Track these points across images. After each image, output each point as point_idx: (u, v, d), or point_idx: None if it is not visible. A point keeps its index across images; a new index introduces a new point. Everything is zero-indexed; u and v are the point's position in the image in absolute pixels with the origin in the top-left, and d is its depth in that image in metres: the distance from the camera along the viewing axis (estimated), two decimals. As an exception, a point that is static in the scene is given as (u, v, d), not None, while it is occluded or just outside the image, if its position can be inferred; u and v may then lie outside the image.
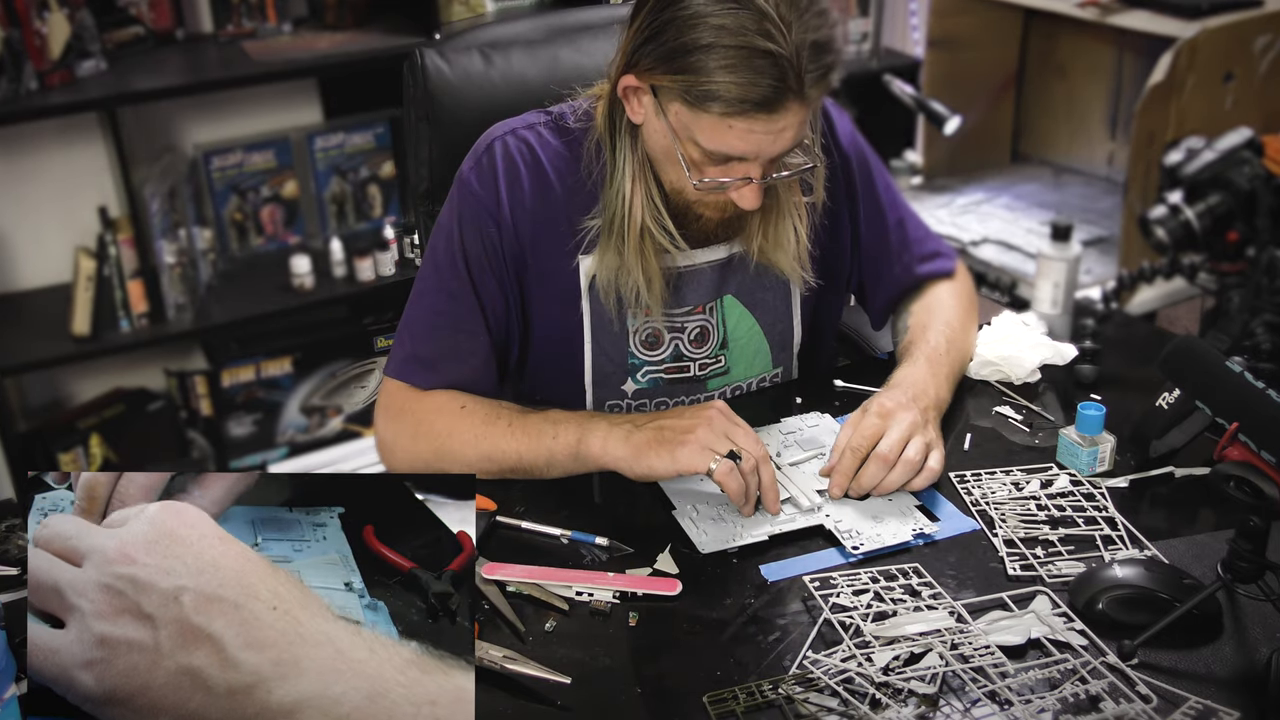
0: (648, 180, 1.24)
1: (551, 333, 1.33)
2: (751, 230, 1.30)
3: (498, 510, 1.21)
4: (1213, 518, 1.19)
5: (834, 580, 1.09)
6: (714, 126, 1.12)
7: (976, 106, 2.87)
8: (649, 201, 1.24)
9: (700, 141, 1.14)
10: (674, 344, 1.35)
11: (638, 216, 1.23)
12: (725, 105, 1.09)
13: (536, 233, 1.28)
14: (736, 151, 1.13)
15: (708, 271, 1.34)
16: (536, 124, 1.30)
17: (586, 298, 1.31)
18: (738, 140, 1.12)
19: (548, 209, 1.28)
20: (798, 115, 1.12)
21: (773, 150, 1.14)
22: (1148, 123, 2.27)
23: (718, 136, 1.12)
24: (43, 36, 2.30)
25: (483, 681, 0.97)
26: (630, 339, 1.33)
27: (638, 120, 1.20)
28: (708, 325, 1.36)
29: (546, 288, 1.31)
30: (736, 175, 1.16)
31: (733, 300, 1.36)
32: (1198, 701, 0.95)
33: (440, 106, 1.52)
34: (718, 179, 1.17)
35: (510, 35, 1.57)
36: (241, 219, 2.70)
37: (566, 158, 1.28)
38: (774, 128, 1.11)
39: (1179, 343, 1.16)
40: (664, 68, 1.11)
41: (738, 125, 1.11)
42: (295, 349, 2.73)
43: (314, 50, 2.54)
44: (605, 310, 1.30)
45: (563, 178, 1.28)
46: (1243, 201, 1.42)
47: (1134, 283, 1.60)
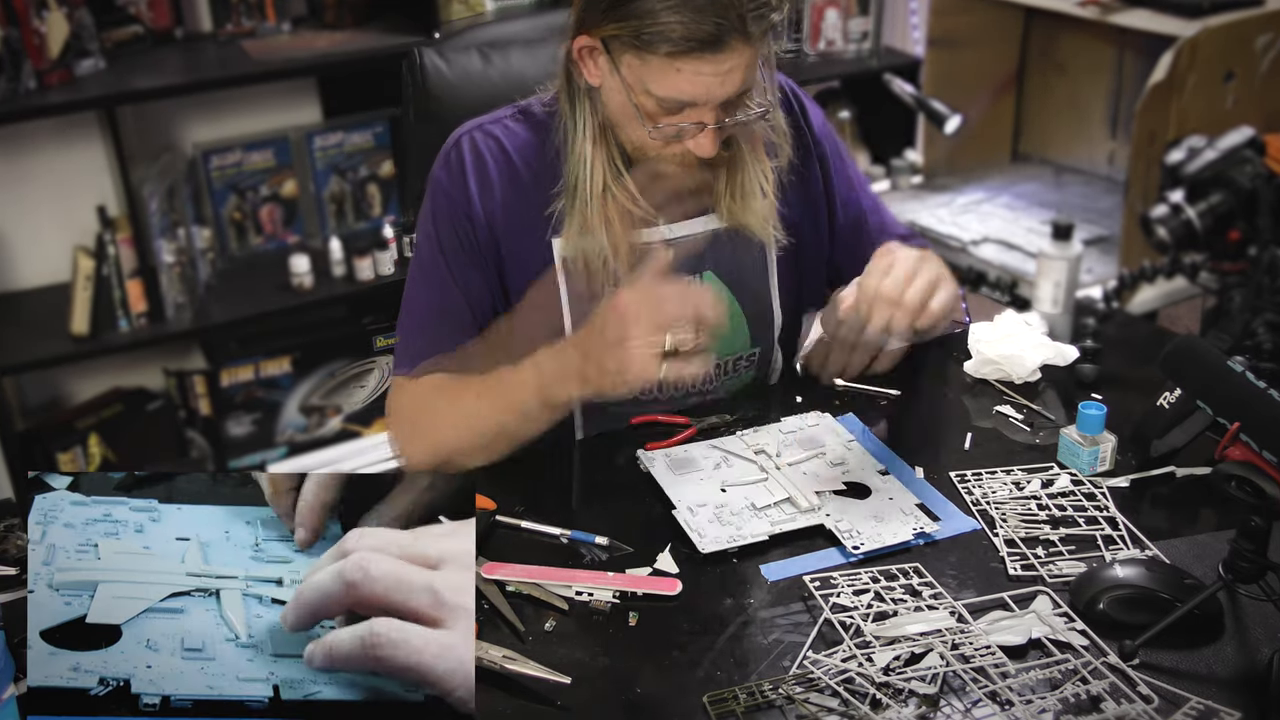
0: (608, 143, 1.28)
1: (534, 318, 1.34)
2: (719, 191, 1.33)
3: (497, 510, 1.21)
4: (1214, 518, 1.19)
5: (834, 580, 1.09)
6: (662, 70, 1.16)
7: (977, 105, 2.87)
8: (609, 164, 1.27)
9: (652, 89, 1.18)
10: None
11: (599, 179, 1.27)
12: (671, 45, 1.14)
13: (509, 221, 1.32)
14: (686, 95, 1.17)
15: (684, 246, 1.35)
16: (503, 118, 1.35)
17: (564, 278, 1.33)
18: (686, 83, 1.16)
19: (518, 196, 1.32)
20: (743, 56, 1.16)
21: (721, 93, 1.18)
22: (1148, 122, 2.27)
23: (667, 80, 1.17)
24: (41, 35, 2.30)
25: (483, 681, 0.97)
26: None
27: (594, 82, 1.24)
28: None
29: (524, 273, 1.34)
30: (691, 121, 1.20)
31: (712, 276, 1.38)
32: (1199, 702, 0.94)
33: (439, 105, 1.52)
34: (673, 124, 1.20)
35: (509, 34, 1.58)
36: (240, 218, 2.70)
37: (533, 144, 1.33)
38: (720, 68, 1.15)
39: (1180, 342, 1.15)
40: (611, 17, 1.16)
41: (685, 67, 1.15)
42: (294, 348, 2.73)
43: (313, 49, 2.54)
44: (581, 290, 1.32)
45: (530, 164, 1.32)
46: (1244, 200, 1.41)
47: (1135, 282, 1.59)
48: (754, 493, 1.22)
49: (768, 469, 1.26)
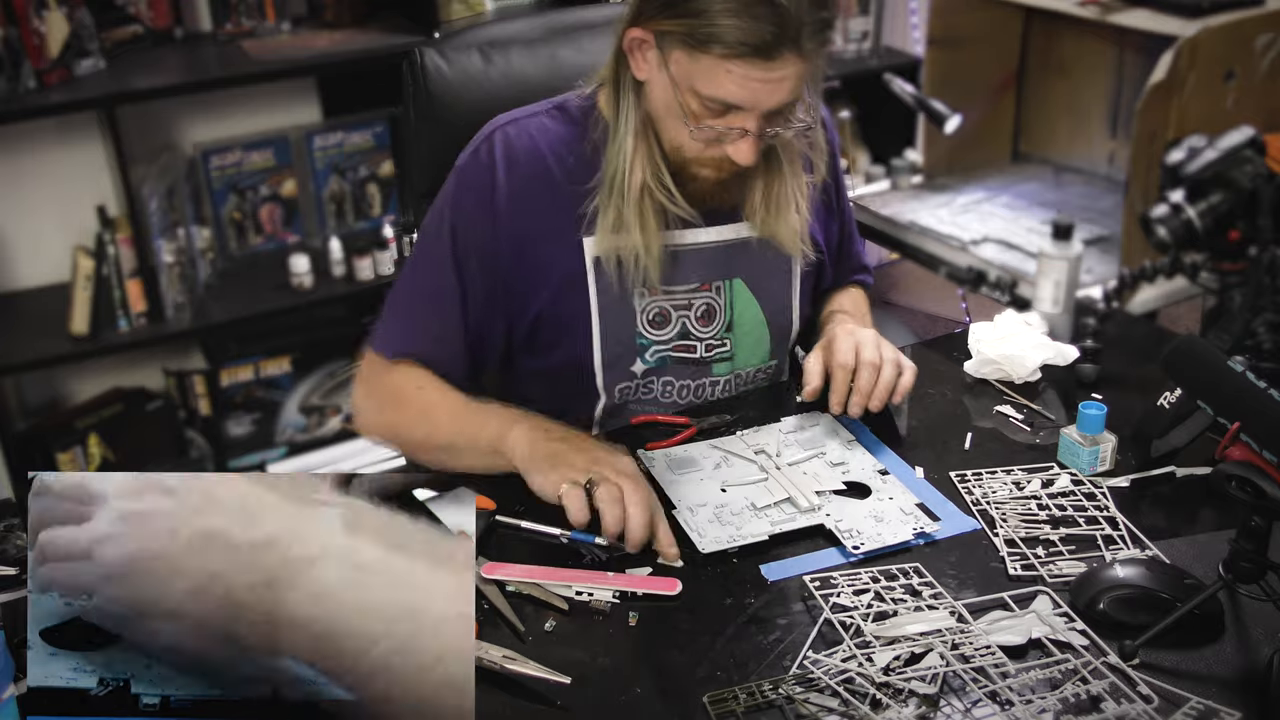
0: (649, 138, 1.27)
1: (560, 318, 1.33)
2: (754, 202, 1.33)
3: (497, 509, 1.21)
4: (1214, 518, 1.19)
5: (834, 580, 1.09)
6: (712, 71, 1.15)
7: (977, 105, 2.87)
8: (649, 159, 1.26)
9: (699, 88, 1.17)
10: (681, 322, 1.36)
11: (639, 173, 1.26)
12: (725, 47, 1.13)
13: (538, 221, 1.30)
14: (734, 99, 1.16)
15: (715, 250, 1.35)
16: (539, 113, 1.33)
17: (593, 279, 1.32)
18: (735, 86, 1.15)
19: (549, 195, 1.30)
20: (794, 68, 1.15)
21: (769, 101, 1.17)
22: (1149, 121, 2.27)
23: (716, 81, 1.16)
24: (41, 35, 2.29)
25: (482, 681, 0.97)
26: (637, 319, 1.35)
27: (641, 76, 1.23)
28: (714, 304, 1.37)
29: (551, 274, 1.32)
30: (733, 125, 1.19)
31: (742, 285, 1.38)
32: (1199, 702, 0.94)
33: (440, 105, 1.52)
34: (715, 126, 1.19)
35: (509, 34, 1.57)
36: (240, 218, 2.70)
37: (568, 141, 1.31)
38: (771, 76, 1.15)
39: (1180, 342, 1.15)
40: (668, 12, 1.16)
41: (735, 70, 1.14)
42: (294, 348, 2.73)
43: (313, 49, 2.54)
44: (612, 291, 1.32)
45: (563, 162, 1.30)
46: (1245, 200, 1.41)
47: (1135, 282, 1.59)
48: (754, 493, 1.22)
49: (768, 469, 1.26)
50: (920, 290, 3.40)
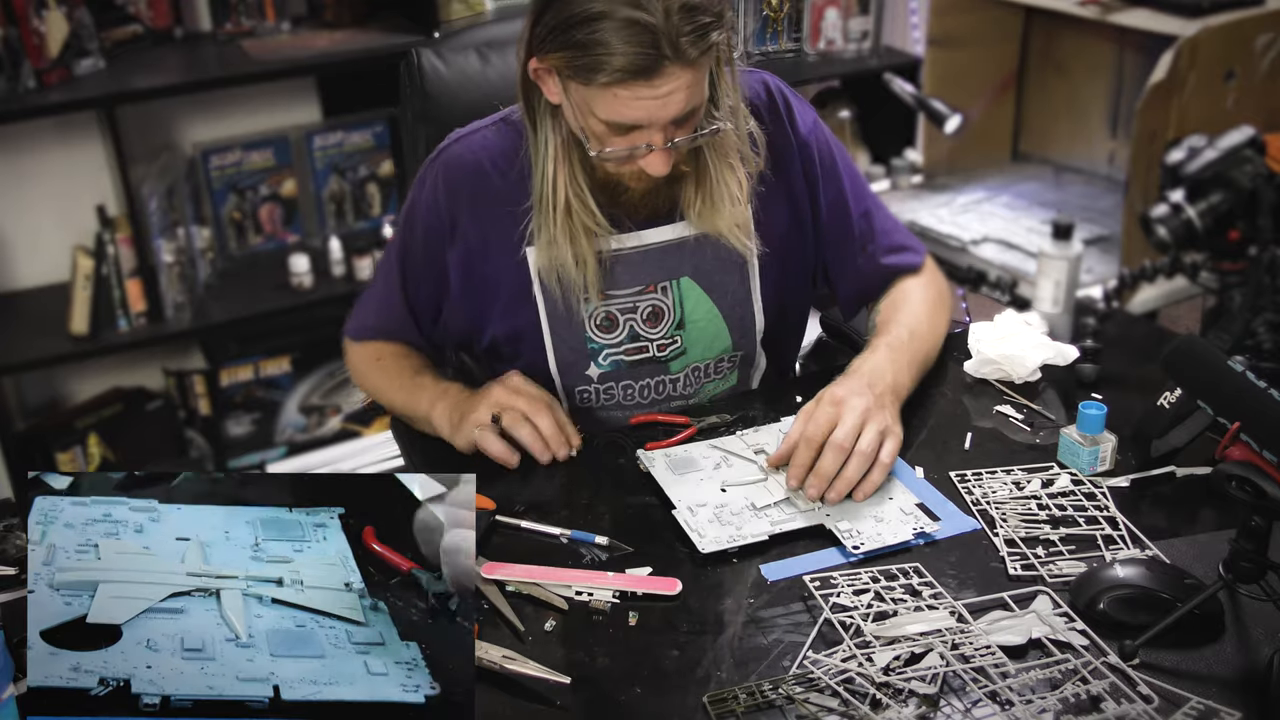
0: (571, 160, 1.28)
1: (513, 328, 1.38)
2: (688, 199, 1.33)
3: (497, 509, 1.21)
4: (1214, 517, 1.19)
5: (834, 580, 1.09)
6: (603, 97, 1.17)
7: (977, 105, 2.87)
8: (572, 179, 1.28)
9: (597, 113, 1.19)
10: (628, 325, 1.38)
11: (562, 195, 1.28)
12: (607, 76, 1.14)
13: (486, 232, 1.35)
14: (630, 119, 1.18)
15: (657, 252, 1.36)
16: (485, 127, 1.37)
17: (539, 288, 1.36)
18: (626, 109, 1.17)
19: (494, 208, 1.34)
20: (681, 79, 1.16)
21: (664, 115, 1.18)
22: (1149, 121, 2.27)
23: (609, 106, 1.17)
24: (41, 35, 2.29)
25: (483, 681, 0.97)
26: (586, 324, 1.37)
27: (555, 100, 1.24)
28: (661, 304, 1.38)
29: (500, 285, 1.37)
30: (639, 143, 1.21)
31: (690, 283, 1.38)
32: (1199, 702, 0.94)
33: (437, 105, 1.52)
34: (621, 148, 1.21)
35: (507, 34, 1.57)
36: (240, 218, 2.70)
37: (509, 155, 1.33)
38: (659, 93, 1.15)
39: (1180, 342, 1.15)
40: (552, 45, 1.17)
41: (623, 94, 1.15)
42: (294, 348, 2.73)
43: (312, 49, 2.54)
44: (558, 299, 1.35)
45: (505, 177, 1.33)
46: (1244, 200, 1.41)
47: (1135, 281, 1.59)
48: (754, 493, 1.22)
49: (768, 469, 1.26)
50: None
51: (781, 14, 2.26)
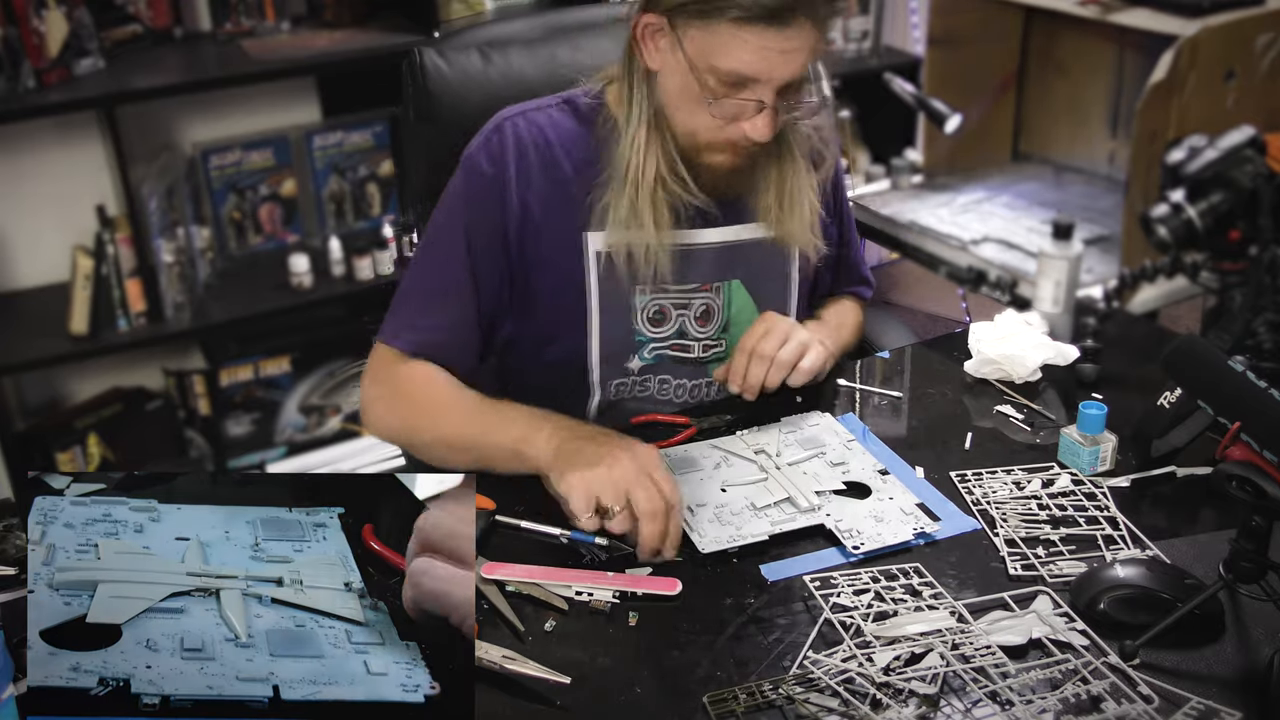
0: (661, 130, 1.27)
1: (560, 311, 1.35)
2: (767, 199, 1.33)
3: (497, 509, 1.21)
4: (1214, 517, 1.19)
5: (834, 580, 1.09)
6: (728, 41, 1.16)
7: (977, 105, 2.87)
8: (662, 151, 1.27)
9: (715, 62, 1.18)
10: (680, 321, 1.38)
11: (652, 164, 1.26)
12: (740, 11, 1.14)
13: (546, 211, 1.31)
14: (749, 69, 1.17)
15: (715, 251, 1.37)
16: (547, 106, 1.34)
17: (594, 274, 1.33)
18: (750, 55, 1.16)
19: (556, 187, 1.31)
20: (808, 37, 1.17)
21: (783, 71, 1.18)
22: (1149, 121, 2.26)
23: (732, 52, 1.17)
24: (40, 34, 2.29)
25: (482, 681, 0.97)
26: (637, 316, 1.36)
27: (654, 65, 1.24)
28: (712, 304, 1.39)
29: (555, 265, 1.33)
30: (750, 99, 1.20)
31: (739, 286, 1.39)
32: (1200, 702, 0.94)
33: (439, 105, 1.52)
34: (733, 99, 1.20)
35: (509, 34, 1.58)
36: (240, 218, 2.69)
37: (576, 136, 1.32)
38: (785, 44, 1.16)
39: (1181, 342, 1.15)
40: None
41: (750, 39, 1.15)
42: (293, 348, 2.73)
43: (312, 48, 2.54)
44: (613, 286, 1.33)
45: (571, 156, 1.32)
46: (1245, 200, 1.41)
47: (1135, 281, 1.59)
48: (754, 493, 1.22)
49: (768, 469, 1.26)
50: (920, 290, 3.40)
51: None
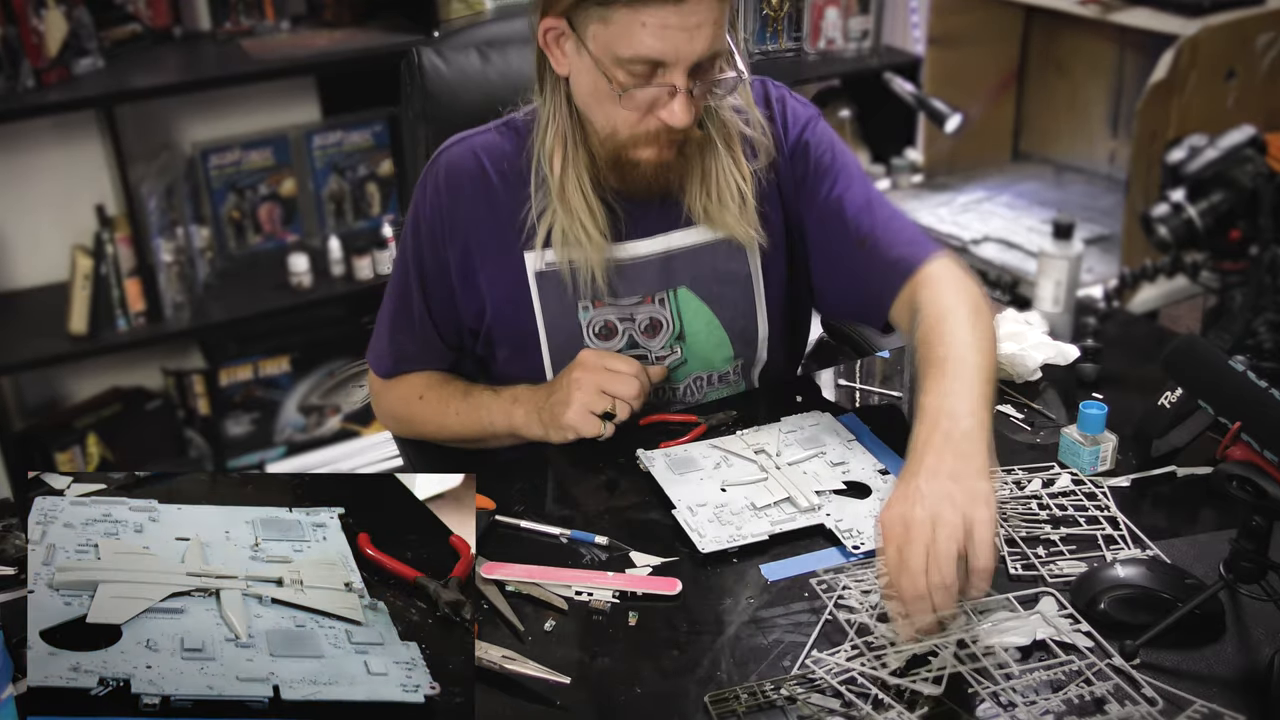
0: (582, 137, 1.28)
1: (510, 332, 1.38)
2: (693, 194, 1.32)
3: (497, 509, 1.21)
4: (1215, 517, 1.19)
5: (836, 580, 1.09)
6: (628, 28, 1.15)
7: (977, 104, 2.87)
8: (588, 158, 1.28)
9: (619, 52, 1.17)
10: (627, 334, 1.37)
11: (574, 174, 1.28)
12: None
13: (485, 237, 1.35)
14: (654, 52, 1.16)
15: (656, 262, 1.36)
16: (487, 130, 1.37)
17: (536, 292, 1.35)
18: (653, 39, 1.15)
19: (492, 211, 1.34)
20: (710, 11, 1.16)
21: (690, 50, 1.16)
22: (1149, 120, 2.27)
23: (634, 39, 1.16)
24: (40, 34, 2.29)
25: (482, 681, 0.97)
26: (584, 331, 1.36)
27: (563, 71, 1.25)
28: (660, 317, 1.37)
29: (500, 292, 1.36)
30: (662, 84, 1.18)
31: (688, 293, 1.37)
32: (1203, 705, 0.94)
33: (438, 105, 1.52)
34: (644, 88, 1.19)
35: (508, 34, 1.57)
36: (239, 217, 2.69)
37: (512, 157, 1.34)
38: (686, 21, 1.15)
39: (1181, 341, 1.15)
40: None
41: (650, 20, 1.14)
42: (293, 348, 2.73)
43: (312, 48, 2.53)
44: (556, 304, 1.35)
45: (506, 179, 1.34)
46: (1245, 199, 1.41)
47: (1136, 281, 1.59)
48: (754, 492, 1.22)
49: (768, 469, 1.26)
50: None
51: (781, 13, 2.26)
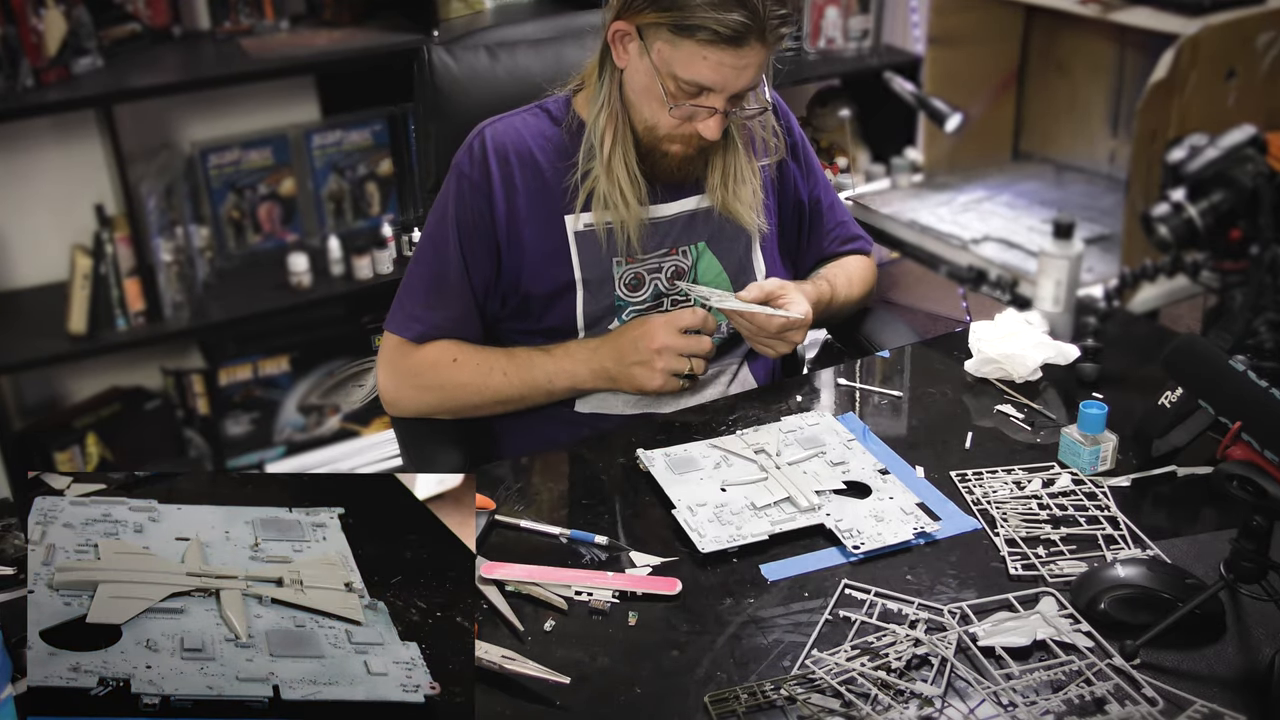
0: (623, 120, 1.43)
1: (549, 287, 1.48)
2: (714, 180, 1.50)
3: (497, 509, 1.21)
4: (1215, 517, 1.19)
5: (836, 580, 1.09)
6: (691, 58, 1.33)
7: (977, 104, 2.87)
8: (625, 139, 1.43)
9: (678, 72, 1.35)
10: (653, 284, 1.50)
11: (619, 149, 1.42)
12: (707, 34, 1.31)
13: (527, 203, 1.46)
14: (708, 81, 1.35)
15: (681, 219, 1.51)
16: (522, 113, 1.50)
17: (575, 252, 1.47)
18: (710, 71, 1.34)
19: (535, 180, 1.46)
20: (759, 56, 1.35)
21: (736, 84, 1.36)
22: (1150, 120, 2.26)
23: (693, 67, 1.34)
24: (39, 33, 2.29)
25: (482, 682, 0.97)
26: (617, 284, 1.48)
27: (621, 64, 1.40)
28: (680, 265, 1.51)
29: (540, 249, 1.47)
30: (705, 105, 1.37)
31: (705, 247, 1.53)
32: (1204, 705, 0.94)
33: (447, 103, 1.55)
34: (690, 104, 1.37)
35: (515, 36, 1.63)
36: (239, 217, 2.69)
37: (549, 134, 1.48)
38: (740, 63, 1.34)
39: (1181, 341, 1.15)
40: (654, 7, 1.34)
41: (711, 56, 1.33)
42: (292, 347, 2.73)
43: (311, 47, 2.53)
44: (592, 260, 1.47)
45: (546, 152, 1.47)
46: (1246, 199, 1.41)
47: (1136, 281, 1.59)
48: (754, 492, 1.22)
49: (768, 469, 1.26)
50: (920, 289, 3.39)
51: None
